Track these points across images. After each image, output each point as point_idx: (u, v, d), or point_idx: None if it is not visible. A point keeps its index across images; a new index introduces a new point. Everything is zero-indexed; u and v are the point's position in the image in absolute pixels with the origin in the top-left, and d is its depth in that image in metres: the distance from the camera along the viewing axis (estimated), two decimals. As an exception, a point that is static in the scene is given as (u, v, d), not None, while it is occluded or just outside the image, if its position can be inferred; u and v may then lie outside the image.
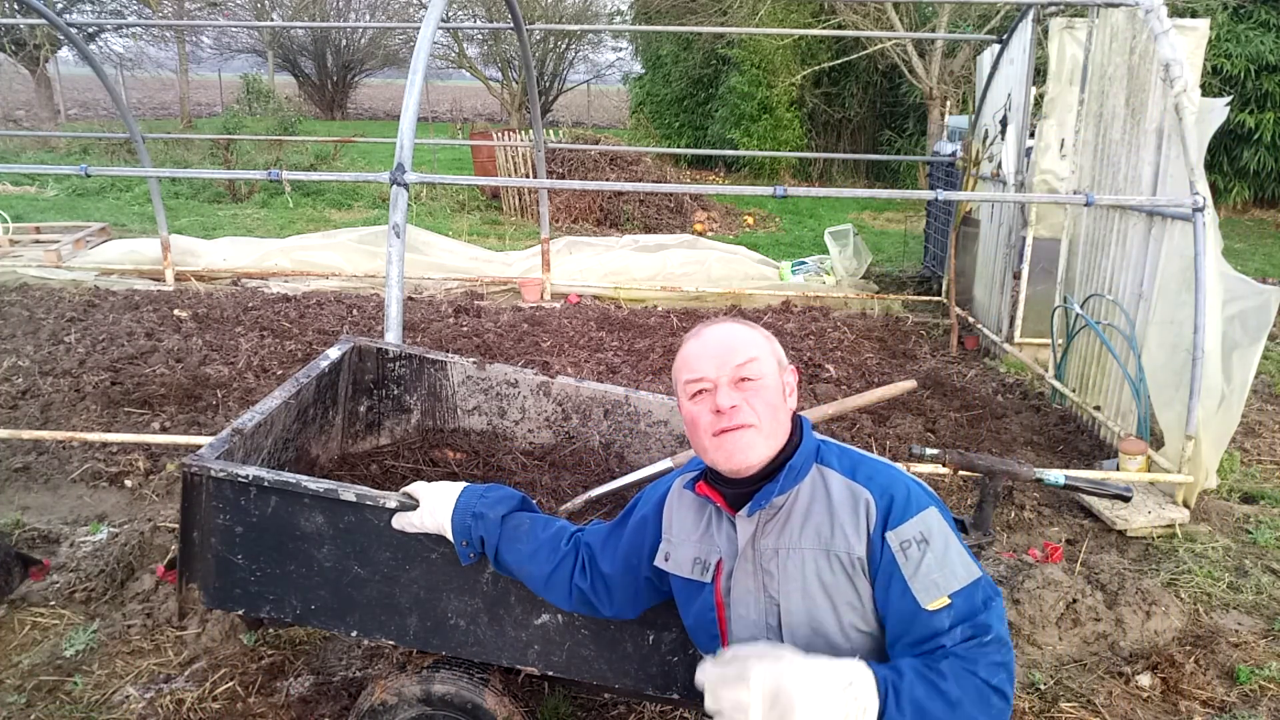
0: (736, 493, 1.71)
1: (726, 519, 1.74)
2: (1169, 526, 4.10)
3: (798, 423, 1.75)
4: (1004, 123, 6.63)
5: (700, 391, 1.67)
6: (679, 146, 18.26)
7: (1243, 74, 12.67)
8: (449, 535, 1.93)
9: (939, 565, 1.58)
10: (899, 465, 1.75)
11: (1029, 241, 6.15)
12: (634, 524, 1.90)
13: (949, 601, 1.56)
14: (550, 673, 2.12)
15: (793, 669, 1.46)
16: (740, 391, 1.65)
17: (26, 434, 4.51)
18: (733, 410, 1.63)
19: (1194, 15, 10.55)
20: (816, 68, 16.49)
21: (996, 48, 6.89)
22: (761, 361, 1.67)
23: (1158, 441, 4.59)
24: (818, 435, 1.78)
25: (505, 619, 2.05)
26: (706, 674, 1.52)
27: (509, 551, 1.91)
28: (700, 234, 11.49)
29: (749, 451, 1.65)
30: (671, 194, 12.65)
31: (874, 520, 1.62)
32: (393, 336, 3.79)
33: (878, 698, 1.47)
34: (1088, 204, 4.64)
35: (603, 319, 7.22)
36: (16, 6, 18.45)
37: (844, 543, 1.62)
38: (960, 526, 2.32)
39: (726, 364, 1.66)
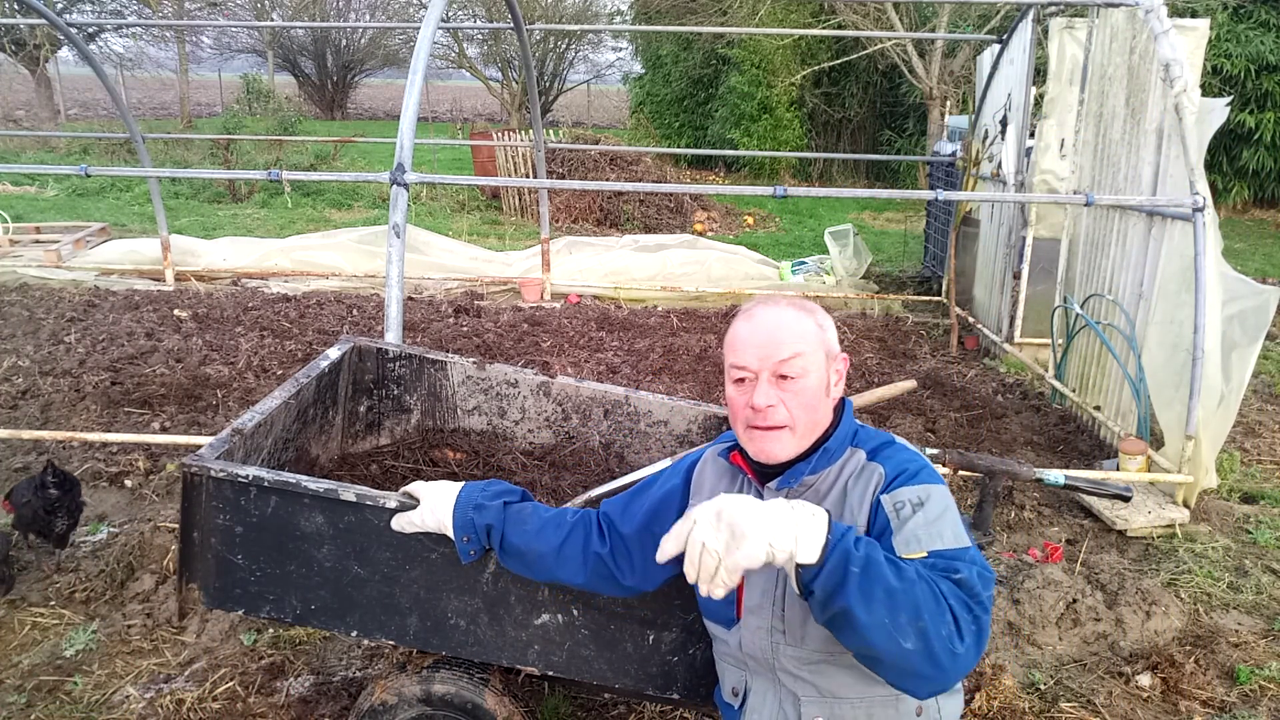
0: (767, 468, 1.75)
1: (755, 490, 1.77)
2: (1169, 526, 4.11)
3: (841, 406, 1.77)
4: (1004, 123, 6.63)
5: (742, 379, 1.70)
6: (679, 146, 18.26)
7: (1243, 74, 12.67)
8: (449, 533, 1.92)
9: (926, 524, 1.55)
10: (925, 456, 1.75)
11: (1029, 241, 6.15)
12: (660, 493, 1.90)
13: (926, 555, 1.50)
14: (550, 673, 2.12)
15: (729, 499, 1.45)
16: (778, 389, 1.66)
17: (26, 434, 4.51)
18: (769, 410, 1.65)
19: (1194, 15, 10.55)
20: (816, 68, 16.49)
21: (996, 48, 6.89)
22: (806, 357, 1.66)
23: (1158, 441, 4.59)
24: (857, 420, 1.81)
25: (505, 619, 2.05)
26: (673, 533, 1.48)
27: (515, 533, 1.90)
28: (700, 234, 11.49)
29: (777, 448, 1.68)
30: (671, 194, 12.65)
31: (878, 488, 1.64)
32: (393, 336, 3.79)
33: (825, 517, 1.43)
34: (1088, 204, 4.64)
35: (603, 319, 7.22)
36: (16, 6, 18.44)
37: (850, 516, 1.65)
38: (960, 526, 2.33)
39: (770, 357, 1.66)
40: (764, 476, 1.76)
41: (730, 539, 1.39)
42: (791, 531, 1.40)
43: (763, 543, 1.39)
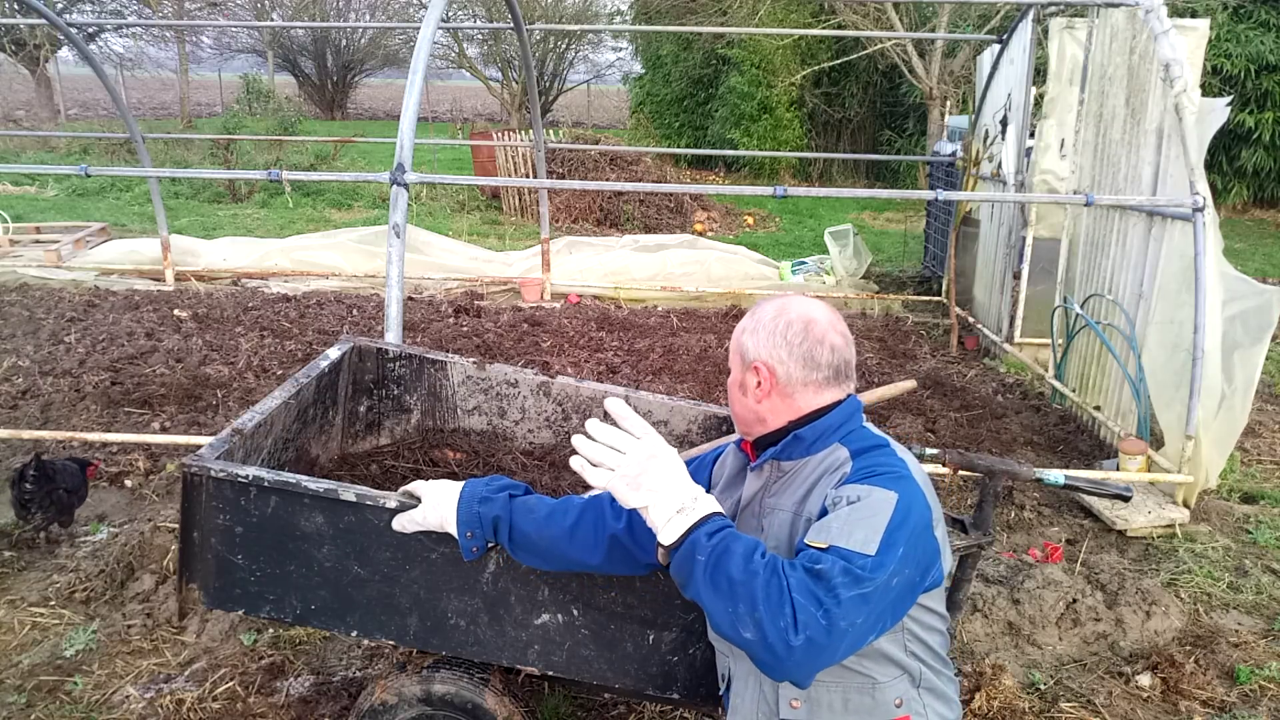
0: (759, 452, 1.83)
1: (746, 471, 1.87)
2: (1169, 526, 4.11)
3: (835, 405, 1.76)
4: (1004, 123, 6.63)
5: None
6: (679, 146, 18.25)
7: (1243, 74, 12.66)
8: (452, 530, 1.92)
9: (844, 520, 1.55)
10: (914, 468, 1.71)
11: (1029, 241, 6.15)
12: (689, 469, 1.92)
13: (825, 547, 1.52)
14: (550, 673, 2.12)
15: (666, 459, 1.61)
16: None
17: (26, 434, 4.51)
18: None
19: (1194, 15, 10.55)
20: (816, 68, 16.48)
21: (996, 48, 6.89)
22: (731, 353, 1.84)
23: (1158, 441, 4.59)
24: (872, 427, 1.80)
25: (505, 619, 2.05)
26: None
27: (525, 521, 1.90)
28: (700, 234, 11.49)
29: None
30: (671, 194, 12.65)
31: (838, 484, 1.65)
32: (393, 336, 3.79)
33: (702, 512, 1.57)
34: (1088, 204, 4.64)
35: (603, 319, 7.22)
36: (16, 6, 18.45)
37: (810, 507, 1.67)
38: (960, 526, 2.33)
39: None
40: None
41: (631, 481, 1.58)
42: (665, 514, 1.57)
43: (640, 505, 1.59)
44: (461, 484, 1.95)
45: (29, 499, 3.51)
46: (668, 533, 1.56)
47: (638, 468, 1.58)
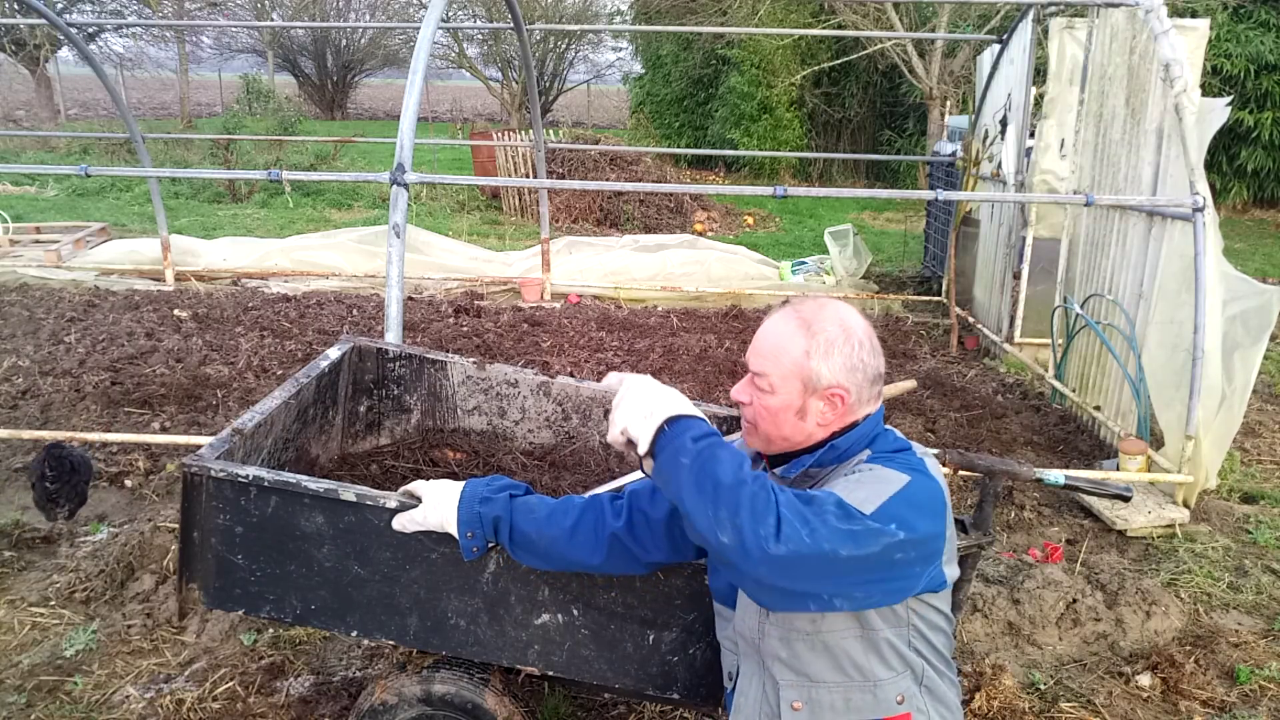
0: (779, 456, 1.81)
1: (763, 469, 1.82)
2: (1169, 526, 4.10)
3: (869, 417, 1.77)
4: (1004, 123, 6.62)
5: None
6: (679, 146, 18.25)
7: (1243, 74, 12.67)
8: (453, 530, 1.92)
9: (848, 482, 1.59)
10: (934, 468, 1.73)
11: (1029, 241, 6.15)
12: None
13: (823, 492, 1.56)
14: (550, 673, 2.12)
15: (640, 383, 1.68)
16: (753, 390, 1.75)
17: (26, 434, 4.51)
18: (740, 404, 1.78)
19: (1194, 15, 10.55)
20: (816, 68, 16.49)
21: (996, 48, 6.89)
22: (772, 378, 1.71)
23: (1158, 441, 4.59)
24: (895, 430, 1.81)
25: (505, 619, 2.05)
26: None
27: (525, 521, 1.90)
28: (700, 234, 11.48)
29: (749, 438, 1.81)
30: (671, 194, 12.65)
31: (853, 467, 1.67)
32: (393, 336, 3.79)
33: (684, 409, 1.61)
34: (1088, 204, 4.64)
35: (603, 319, 7.23)
36: (16, 6, 18.45)
37: None
38: (960, 526, 2.33)
39: (751, 361, 1.77)
40: (775, 463, 1.81)
41: (615, 419, 1.65)
42: (640, 424, 1.61)
43: (618, 426, 1.64)
44: (462, 484, 1.95)
45: (55, 496, 3.51)
46: (643, 441, 1.60)
47: (616, 406, 1.66)
